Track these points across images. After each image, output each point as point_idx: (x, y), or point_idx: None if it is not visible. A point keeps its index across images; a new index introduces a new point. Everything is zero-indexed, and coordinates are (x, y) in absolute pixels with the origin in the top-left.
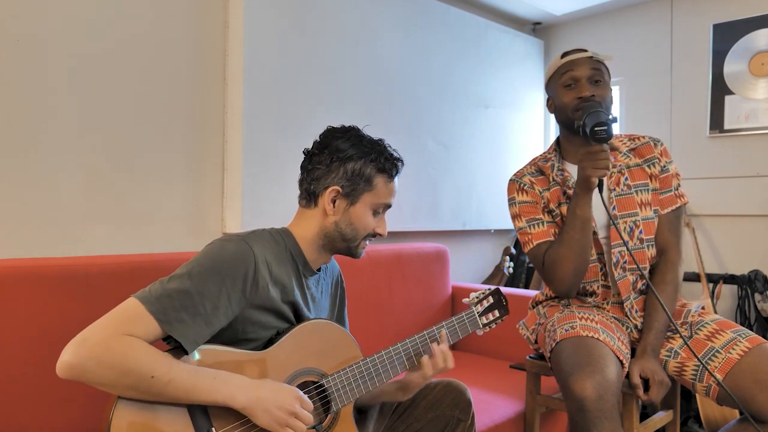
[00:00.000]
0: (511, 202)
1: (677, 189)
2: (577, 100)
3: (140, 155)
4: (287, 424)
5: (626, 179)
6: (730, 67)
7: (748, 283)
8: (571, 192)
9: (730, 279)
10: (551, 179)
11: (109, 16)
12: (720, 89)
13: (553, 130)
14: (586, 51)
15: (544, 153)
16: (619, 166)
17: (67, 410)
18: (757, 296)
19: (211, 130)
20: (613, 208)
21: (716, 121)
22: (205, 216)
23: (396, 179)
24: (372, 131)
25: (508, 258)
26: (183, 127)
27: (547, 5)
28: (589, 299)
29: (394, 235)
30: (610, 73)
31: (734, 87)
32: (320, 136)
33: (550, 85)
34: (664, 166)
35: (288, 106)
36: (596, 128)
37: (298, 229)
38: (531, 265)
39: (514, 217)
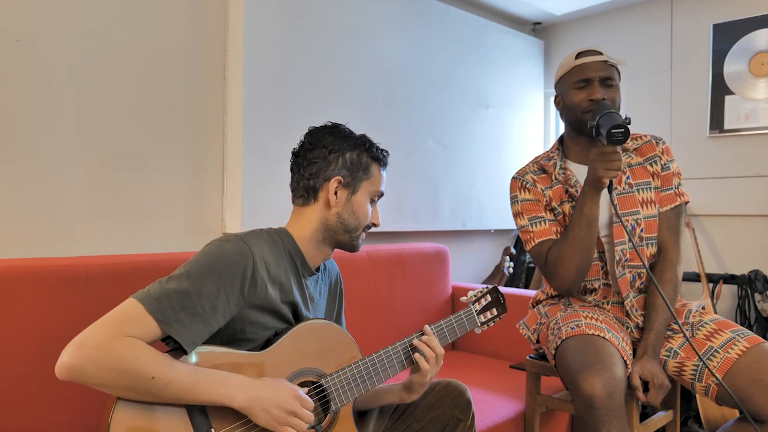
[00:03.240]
0: (514, 200)
1: (678, 187)
2: (588, 102)
3: (140, 155)
4: (287, 423)
5: (628, 178)
6: (730, 67)
7: (748, 283)
8: (573, 191)
9: (730, 279)
10: (554, 177)
11: (109, 17)
12: (720, 89)
13: (553, 131)
14: (601, 54)
15: (546, 152)
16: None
17: (67, 410)
18: (757, 296)
19: (211, 130)
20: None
21: (716, 121)
22: (205, 216)
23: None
24: (372, 131)
25: (508, 258)
26: (183, 126)
27: (547, 5)
28: (590, 297)
29: (394, 235)
30: (620, 76)
31: (734, 87)
32: (307, 135)
33: (561, 83)
34: (665, 164)
35: (288, 106)
36: (614, 130)
37: (296, 228)
38: (531, 264)
39: (516, 215)
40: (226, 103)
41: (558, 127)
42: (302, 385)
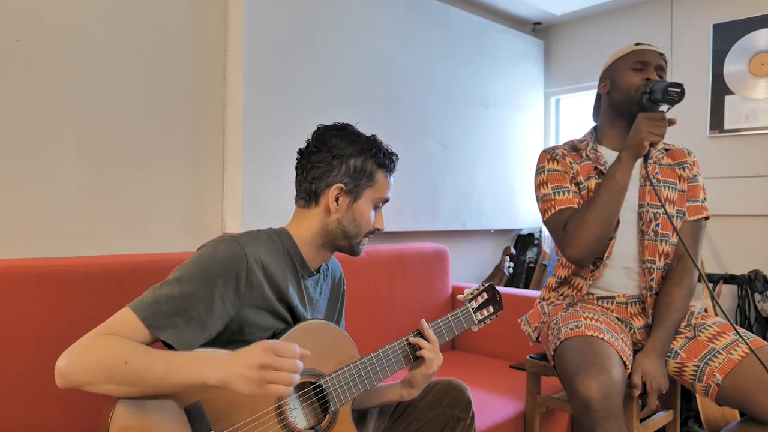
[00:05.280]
0: (540, 170)
1: (703, 202)
2: (644, 81)
3: (141, 155)
4: (265, 379)
5: (657, 173)
6: (730, 67)
7: (748, 283)
8: (602, 168)
9: (730, 279)
10: (584, 155)
11: (109, 16)
12: (720, 89)
13: (553, 130)
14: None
15: (580, 137)
16: (654, 157)
17: (66, 410)
18: (757, 296)
19: (211, 130)
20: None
21: (716, 121)
22: (205, 216)
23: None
24: (372, 131)
25: (508, 258)
26: (183, 126)
27: (547, 5)
28: (590, 277)
29: (394, 235)
30: None
31: (734, 87)
32: (314, 135)
33: (614, 66)
34: (695, 176)
35: (288, 106)
36: (670, 88)
37: (297, 229)
38: (531, 264)
39: (540, 185)
40: (226, 103)
41: (558, 127)
42: (301, 385)
